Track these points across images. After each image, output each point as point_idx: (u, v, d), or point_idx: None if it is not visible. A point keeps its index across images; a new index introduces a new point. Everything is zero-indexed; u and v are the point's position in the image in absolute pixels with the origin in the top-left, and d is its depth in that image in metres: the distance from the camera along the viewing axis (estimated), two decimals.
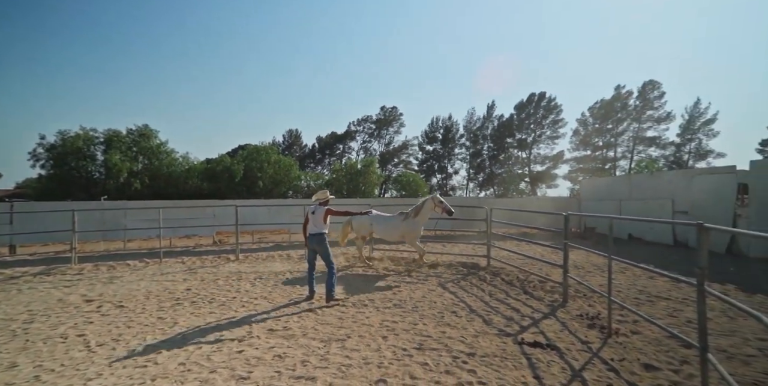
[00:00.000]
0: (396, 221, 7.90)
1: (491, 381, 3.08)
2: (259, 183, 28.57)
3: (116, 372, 3.34)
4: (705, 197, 10.59)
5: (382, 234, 8.10)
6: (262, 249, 11.49)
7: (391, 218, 8.07)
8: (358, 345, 3.88)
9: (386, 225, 7.97)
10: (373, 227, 8.09)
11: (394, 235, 7.94)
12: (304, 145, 54.41)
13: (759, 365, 3.36)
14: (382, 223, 8.02)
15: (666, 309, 5.13)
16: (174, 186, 27.19)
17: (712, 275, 6.88)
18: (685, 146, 40.43)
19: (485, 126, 48.37)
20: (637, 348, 3.75)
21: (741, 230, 2.69)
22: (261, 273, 7.74)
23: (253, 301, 5.66)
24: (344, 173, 30.41)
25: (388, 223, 7.97)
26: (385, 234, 8.07)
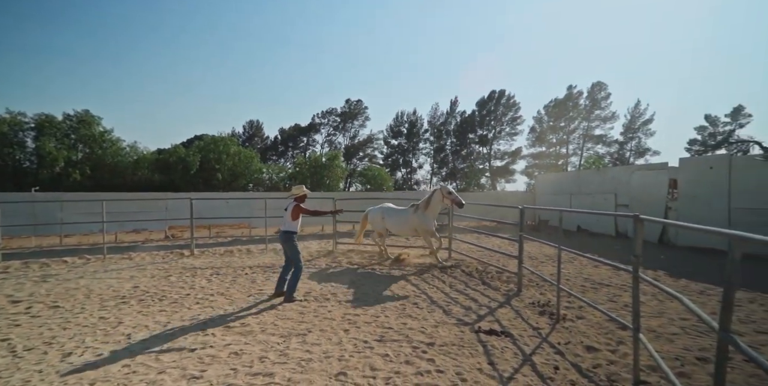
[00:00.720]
0: (407, 214, 7.56)
1: (448, 368, 3.19)
2: (218, 175, 27.30)
3: (47, 379, 3.06)
4: (642, 192, 11.59)
5: (395, 228, 7.76)
6: (219, 244, 11.02)
7: (403, 211, 7.75)
8: (319, 339, 3.85)
9: (398, 219, 7.65)
10: (385, 220, 7.75)
11: (405, 229, 7.64)
12: (265, 137, 52.59)
13: (681, 342, 3.75)
14: (394, 216, 7.71)
15: (607, 294, 5.58)
16: (120, 177, 25.24)
17: (646, 262, 7.57)
18: (627, 144, 43.86)
19: (448, 122, 49.39)
20: (581, 332, 4.05)
21: (671, 221, 2.96)
22: (218, 269, 7.43)
23: (208, 298, 5.42)
24: (308, 167, 29.84)
25: (400, 216, 7.65)
26: (397, 228, 7.74)
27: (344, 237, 10.79)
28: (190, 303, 5.18)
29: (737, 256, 1.72)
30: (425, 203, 7.32)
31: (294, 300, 5.18)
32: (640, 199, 11.54)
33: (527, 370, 3.19)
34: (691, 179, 10.06)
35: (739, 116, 38.35)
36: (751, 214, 8.54)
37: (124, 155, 26.83)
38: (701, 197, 9.71)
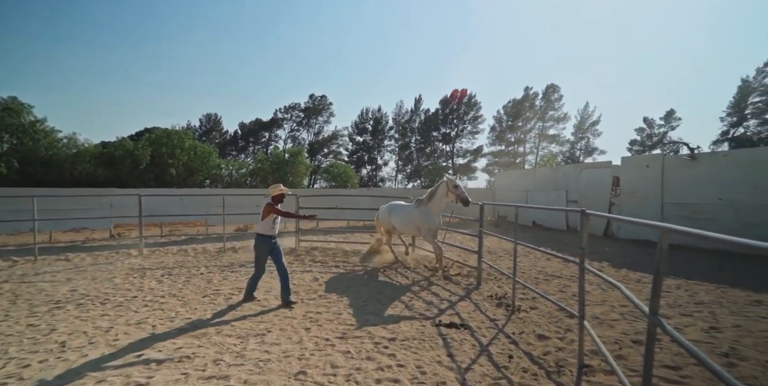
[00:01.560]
0: (410, 210, 6.76)
1: (409, 362, 3.23)
2: (171, 171, 25.65)
3: None
4: (590, 188, 12.45)
5: (400, 226, 6.96)
6: (172, 243, 10.40)
7: (408, 206, 6.97)
8: (279, 338, 3.76)
9: (403, 215, 6.85)
10: (391, 217, 7.01)
11: (410, 227, 6.75)
12: (224, 131, 50.29)
13: (620, 327, 4.08)
14: (399, 212, 6.94)
15: (558, 285, 5.93)
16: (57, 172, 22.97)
17: (592, 254, 8.16)
18: (578, 143, 46.90)
19: (413, 119, 50.00)
20: (534, 322, 4.28)
21: (611, 215, 3.19)
22: (170, 269, 7.01)
23: (158, 300, 5.09)
24: (270, 163, 28.91)
25: (404, 212, 6.87)
26: (402, 226, 6.92)
27: (307, 235, 10.60)
28: (137, 305, 4.84)
29: (665, 246, 1.88)
30: (428, 197, 6.51)
31: (251, 298, 4.99)
32: (588, 195, 12.39)
33: (484, 360, 3.31)
34: (631, 177, 10.94)
35: (671, 119, 42.37)
36: (680, 208, 9.45)
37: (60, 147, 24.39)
38: (639, 193, 10.59)
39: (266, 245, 4.89)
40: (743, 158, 8.71)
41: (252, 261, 5.24)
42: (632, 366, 3.14)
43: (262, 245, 4.88)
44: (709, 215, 8.83)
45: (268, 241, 4.90)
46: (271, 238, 4.92)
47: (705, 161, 9.30)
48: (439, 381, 2.91)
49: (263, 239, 4.88)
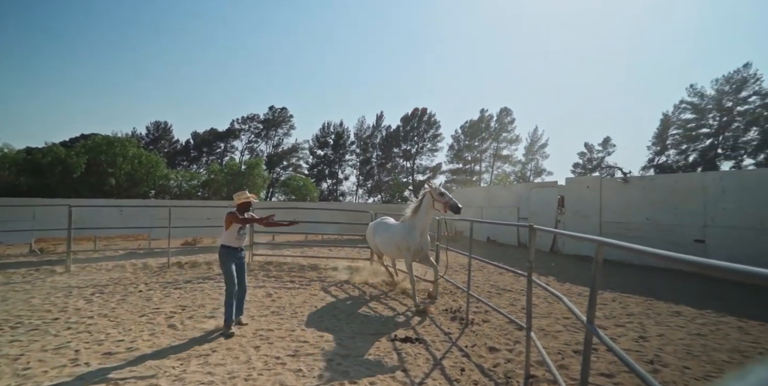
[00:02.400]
0: (392, 227, 5.97)
1: (362, 379, 3.16)
2: (110, 180, 23.64)
3: None
4: (538, 207, 13.27)
5: (383, 248, 6.11)
6: (107, 258, 9.46)
7: (393, 225, 6.11)
8: (225, 358, 3.51)
9: (385, 235, 5.95)
10: (375, 237, 6.10)
11: (392, 248, 5.81)
12: (175, 140, 47.64)
13: (563, 338, 4.32)
14: (382, 232, 6.05)
15: (509, 299, 6.17)
16: None
17: (539, 269, 8.62)
18: (528, 164, 50.15)
19: (374, 135, 50.78)
20: (486, 334, 4.40)
21: (555, 230, 3.43)
22: (102, 287, 6.35)
23: (85, 321, 4.57)
24: (225, 174, 27.71)
25: (387, 232, 5.99)
26: (384, 248, 6.06)
27: (263, 249, 10.17)
28: (58, 328, 4.30)
29: (600, 258, 2.06)
30: (412, 212, 5.60)
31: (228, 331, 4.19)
32: (537, 213, 13.19)
33: (437, 374, 3.33)
34: (574, 197, 11.86)
35: (607, 145, 46.91)
36: (615, 227, 10.36)
37: None
38: (581, 212, 11.48)
39: (231, 256, 4.45)
40: (665, 183, 9.81)
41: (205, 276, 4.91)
42: (573, 375, 3.31)
43: (226, 257, 4.43)
44: (638, 234, 9.75)
45: (233, 253, 4.47)
46: (236, 250, 4.51)
47: (635, 184, 10.34)
48: None
49: (227, 251, 4.45)
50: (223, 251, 4.47)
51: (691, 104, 39.61)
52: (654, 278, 7.96)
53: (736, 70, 36.70)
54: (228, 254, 4.45)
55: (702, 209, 8.73)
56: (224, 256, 4.45)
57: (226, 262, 4.43)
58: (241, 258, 4.59)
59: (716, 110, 37.81)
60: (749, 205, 7.95)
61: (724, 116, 37.42)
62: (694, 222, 8.85)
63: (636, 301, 6.09)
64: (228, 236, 4.45)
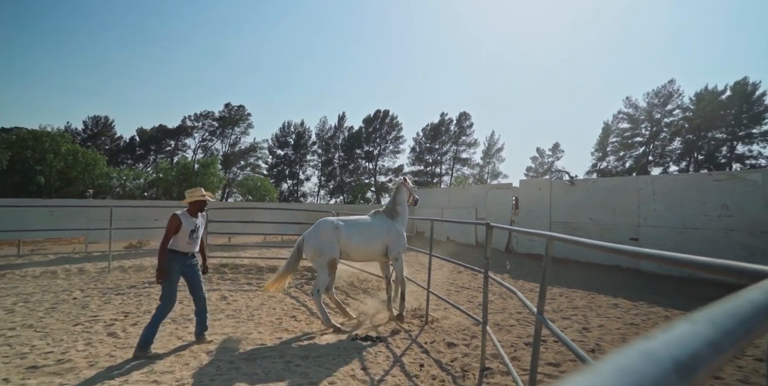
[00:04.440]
0: (379, 225, 4.92)
1: (321, 379, 3.11)
2: (39, 179, 21.28)
3: None
4: (495, 207, 13.89)
5: (362, 250, 4.78)
6: (34, 264, 8.49)
7: (370, 221, 5.00)
8: (173, 365, 3.29)
9: (367, 233, 4.80)
10: (346, 238, 4.64)
11: (376, 250, 4.85)
12: (117, 137, 44.06)
13: (516, 332, 4.54)
14: (361, 231, 4.78)
15: (467, 296, 6.39)
16: None
17: (494, 267, 9.02)
18: (486, 167, 52.37)
19: (337, 136, 50.40)
20: (444, 331, 4.51)
21: (510, 227, 3.62)
22: (27, 295, 5.69)
23: (5, 333, 4.06)
24: (175, 173, 26.06)
25: (369, 230, 4.85)
26: (366, 250, 4.80)
27: (216, 251, 9.67)
28: None
29: (550, 251, 2.20)
30: (398, 206, 5.11)
31: (145, 355, 3.48)
32: (494, 213, 13.79)
33: (396, 371, 3.36)
34: (527, 198, 12.55)
35: (557, 150, 50.29)
36: (563, 226, 11.10)
37: None
38: (533, 213, 12.17)
39: (177, 264, 3.77)
40: (606, 186, 10.69)
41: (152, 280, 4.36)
42: (524, 366, 3.49)
43: (169, 265, 3.72)
44: (582, 233, 10.52)
45: (180, 260, 3.80)
46: (186, 256, 3.86)
47: (580, 187, 11.16)
48: None
49: (173, 258, 3.75)
50: (168, 258, 3.72)
51: (627, 115, 43.65)
52: (596, 274, 8.63)
53: (663, 86, 41.08)
54: (173, 260, 3.75)
55: (636, 210, 9.62)
56: (168, 264, 3.71)
57: (170, 271, 3.71)
58: (192, 266, 3.93)
59: (648, 121, 41.97)
60: (674, 206, 8.88)
61: (653, 127, 41.62)
62: (629, 222, 9.73)
63: (581, 295, 6.56)
64: (176, 240, 3.80)
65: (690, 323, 0.39)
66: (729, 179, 8.19)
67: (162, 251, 3.68)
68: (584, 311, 5.54)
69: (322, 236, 4.54)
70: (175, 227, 3.77)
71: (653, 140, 41.80)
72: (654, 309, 5.67)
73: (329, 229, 4.59)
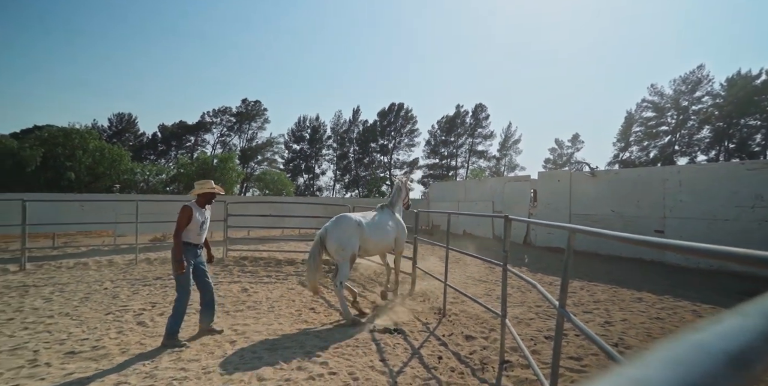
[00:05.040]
0: (387, 220, 5.20)
1: (341, 369, 3.17)
2: (69, 175, 22.19)
3: None
4: (512, 200, 13.66)
5: (380, 244, 5.05)
6: (68, 256, 8.93)
7: (380, 216, 5.21)
8: (198, 354, 3.41)
9: (383, 228, 5.04)
10: (368, 234, 4.80)
11: (387, 243, 5.15)
12: (141, 133, 45.36)
13: (535, 325, 4.49)
14: (378, 226, 5.00)
15: (485, 289, 6.34)
16: None
17: (513, 260, 8.90)
18: (502, 159, 51.47)
19: (351, 130, 50.42)
20: (462, 323, 4.50)
21: (529, 219, 3.55)
22: (63, 285, 5.99)
23: (45, 321, 4.31)
24: (195, 168, 26.70)
25: (383, 225, 5.08)
26: (383, 243, 5.08)
27: (236, 244, 9.91)
28: (13, 329, 4.03)
29: (572, 244, 2.15)
30: (397, 201, 5.58)
31: (174, 344, 3.59)
32: (511, 206, 13.58)
33: (415, 363, 3.38)
34: (546, 191, 12.28)
35: (576, 141, 48.87)
36: (584, 219, 10.83)
37: None
38: (552, 205, 11.91)
39: (189, 256, 3.83)
40: (629, 177, 10.34)
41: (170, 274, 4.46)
42: (545, 360, 3.45)
43: (185, 258, 3.76)
44: (604, 225, 10.23)
45: (192, 251, 3.87)
46: (196, 247, 3.92)
47: (602, 178, 10.83)
48: None
49: (186, 250, 3.81)
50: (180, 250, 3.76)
51: (651, 103, 41.88)
52: (619, 268, 8.41)
53: (692, 72, 39.11)
54: (187, 252, 3.80)
55: (661, 201, 9.28)
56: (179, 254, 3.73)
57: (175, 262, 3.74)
58: (200, 256, 4.00)
59: (674, 109, 40.18)
60: (702, 197, 8.51)
61: (680, 115, 39.83)
62: (654, 214, 9.40)
63: (602, 289, 6.41)
64: (187, 232, 3.84)
65: (741, 315, 0.37)
66: (764, 167, 7.78)
67: (178, 243, 3.74)
68: (606, 305, 5.42)
69: (346, 232, 4.61)
70: (187, 218, 3.82)
71: (680, 129, 40.05)
72: (681, 303, 5.49)
73: (352, 225, 4.67)
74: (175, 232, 3.78)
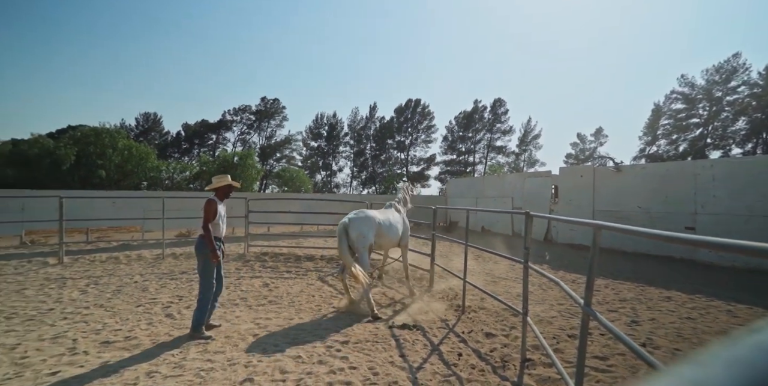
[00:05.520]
0: (397, 215, 5.60)
1: (362, 364, 3.20)
2: (100, 172, 23.20)
3: None
4: (532, 196, 13.38)
5: (393, 239, 5.39)
6: (101, 250, 9.37)
7: (391, 212, 5.62)
8: (223, 346, 3.52)
9: (396, 223, 5.44)
10: (384, 228, 5.15)
11: (398, 239, 5.54)
12: (165, 132, 46.80)
13: (558, 323, 4.40)
14: (392, 221, 5.39)
15: (504, 286, 6.26)
16: None
17: (534, 257, 8.74)
18: (522, 155, 50.36)
19: (368, 126, 50.44)
20: (482, 321, 4.46)
21: (551, 216, 3.46)
22: (97, 278, 6.30)
23: (81, 311, 4.54)
24: (217, 165, 27.39)
25: (395, 220, 5.45)
26: (394, 238, 5.40)
27: (257, 240, 10.15)
28: (54, 318, 4.27)
29: (598, 241, 2.08)
30: (404, 201, 6.11)
31: (200, 336, 3.72)
32: (531, 202, 13.30)
33: (435, 359, 3.38)
34: (568, 186, 11.96)
35: (600, 135, 47.25)
36: (608, 215, 10.49)
37: None
38: (575, 201, 11.59)
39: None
40: (657, 172, 9.92)
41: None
42: (568, 359, 3.38)
43: (208, 249, 3.84)
44: (630, 222, 9.88)
45: (216, 244, 3.95)
46: (218, 240, 3.98)
47: (627, 173, 10.45)
48: (391, 381, 2.91)
49: (201, 242, 3.90)
50: (200, 243, 3.87)
51: (681, 94, 39.92)
52: (645, 265, 8.12)
53: (726, 60, 36.98)
54: (201, 244, 3.86)
55: (692, 197, 8.87)
56: (205, 248, 3.82)
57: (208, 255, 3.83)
58: (220, 250, 4.02)
59: (706, 100, 38.17)
60: (738, 192, 8.08)
61: (713, 106, 37.81)
62: (684, 210, 9.00)
63: (628, 287, 6.21)
64: (211, 225, 3.91)
65: None
66: None
67: (209, 235, 3.84)
68: (633, 303, 5.25)
69: (366, 224, 4.93)
70: (214, 211, 3.91)
71: (712, 121, 38.06)
72: (714, 303, 5.26)
73: (373, 220, 5.01)
74: (204, 225, 3.87)
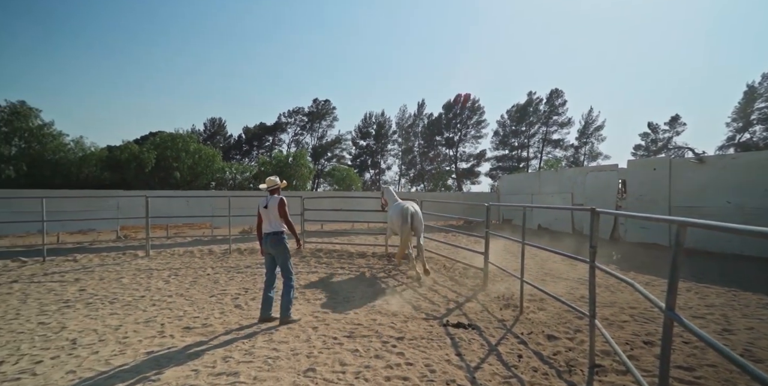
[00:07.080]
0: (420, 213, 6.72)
1: (418, 361, 3.21)
2: (176, 174, 25.82)
3: None
4: (595, 192, 12.37)
5: (418, 231, 6.48)
6: (178, 244, 10.44)
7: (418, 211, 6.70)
8: (287, 337, 3.75)
9: (420, 219, 6.56)
10: (417, 224, 6.42)
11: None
12: (228, 135, 50.67)
13: (630, 328, 4.03)
14: (419, 217, 6.56)
15: (566, 287, 5.88)
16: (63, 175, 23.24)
17: (600, 257, 8.09)
18: (582, 148, 46.78)
19: (416, 124, 50.15)
20: (542, 322, 4.24)
21: (622, 212, 3.17)
22: (176, 270, 7.03)
23: (166, 299, 5.11)
24: (273, 166, 29.05)
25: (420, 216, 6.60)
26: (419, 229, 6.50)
27: (311, 236, 10.61)
28: (145, 305, 4.86)
29: (682, 239, 1.87)
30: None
31: (292, 320, 4.15)
32: (594, 198, 12.31)
33: (493, 359, 3.28)
34: (638, 181, 10.88)
35: (676, 124, 42.22)
36: (688, 212, 9.36)
37: (67, 150, 24.75)
38: (646, 197, 10.52)
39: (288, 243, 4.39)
40: (753, 161, 8.62)
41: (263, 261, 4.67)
42: (644, 367, 3.10)
43: (288, 245, 4.31)
44: (717, 219, 8.70)
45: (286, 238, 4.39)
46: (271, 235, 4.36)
47: (713, 165, 9.23)
48: (449, 380, 2.88)
49: (285, 238, 4.32)
50: (283, 238, 4.25)
51: None
52: (736, 268, 7.14)
53: None
54: (286, 240, 4.32)
55: None
56: (284, 242, 4.25)
57: (288, 248, 4.30)
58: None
59: None
60: None
61: None
62: None
63: (717, 291, 5.52)
64: (282, 223, 4.32)
65: None
66: None
67: (293, 228, 4.41)
68: (723, 310, 4.66)
69: (411, 214, 6.33)
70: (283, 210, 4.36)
71: None
72: None
73: (413, 214, 6.37)
74: (289, 218, 4.40)
